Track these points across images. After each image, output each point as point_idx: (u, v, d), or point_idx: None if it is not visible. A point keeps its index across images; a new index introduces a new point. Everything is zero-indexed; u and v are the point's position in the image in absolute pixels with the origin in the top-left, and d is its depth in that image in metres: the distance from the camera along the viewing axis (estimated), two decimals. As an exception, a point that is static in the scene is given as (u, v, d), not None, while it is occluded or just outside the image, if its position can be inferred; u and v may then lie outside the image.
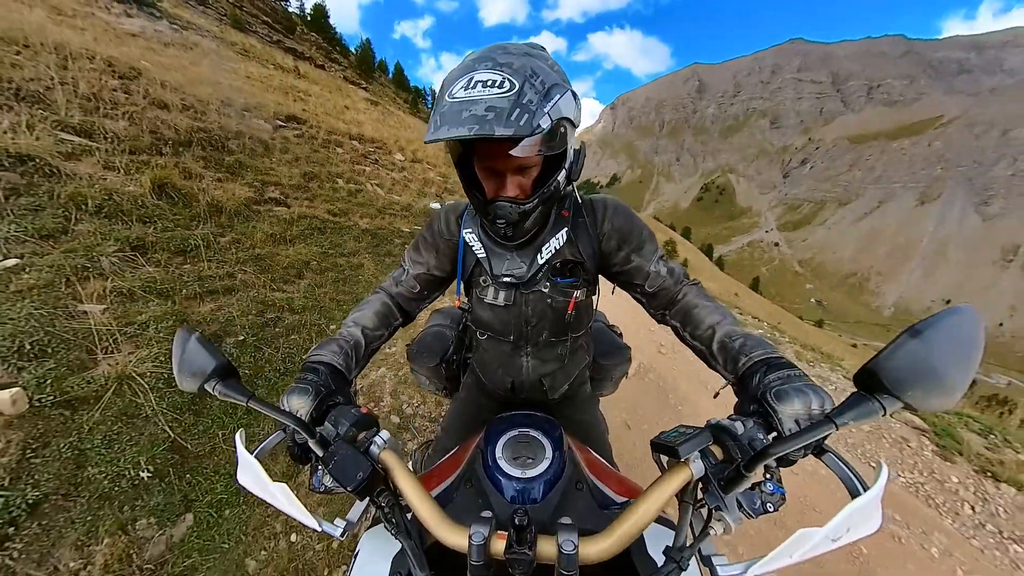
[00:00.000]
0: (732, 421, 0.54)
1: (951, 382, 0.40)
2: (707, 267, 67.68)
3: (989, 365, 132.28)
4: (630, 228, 0.89)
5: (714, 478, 0.49)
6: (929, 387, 0.40)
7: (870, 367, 0.44)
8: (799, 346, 4.96)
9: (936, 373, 0.40)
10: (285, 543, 1.67)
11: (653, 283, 0.90)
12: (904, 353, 0.41)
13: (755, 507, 0.48)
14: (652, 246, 0.90)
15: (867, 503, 0.41)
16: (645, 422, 2.86)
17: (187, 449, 1.90)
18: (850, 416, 0.44)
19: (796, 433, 0.47)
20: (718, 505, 0.48)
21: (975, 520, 2.32)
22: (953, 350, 0.40)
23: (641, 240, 0.89)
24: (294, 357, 2.71)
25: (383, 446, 0.60)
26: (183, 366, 0.58)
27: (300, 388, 0.66)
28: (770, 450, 0.46)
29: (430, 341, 1.33)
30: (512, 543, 0.48)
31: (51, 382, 1.84)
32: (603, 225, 0.89)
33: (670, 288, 0.89)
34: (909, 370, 0.41)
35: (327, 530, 0.56)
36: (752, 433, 0.51)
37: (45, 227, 2.62)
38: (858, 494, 0.43)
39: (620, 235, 0.89)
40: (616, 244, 0.89)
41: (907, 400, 0.41)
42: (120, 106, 4.46)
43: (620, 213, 0.90)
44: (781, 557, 0.43)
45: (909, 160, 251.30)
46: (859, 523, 0.42)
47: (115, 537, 1.54)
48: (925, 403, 0.41)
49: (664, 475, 0.52)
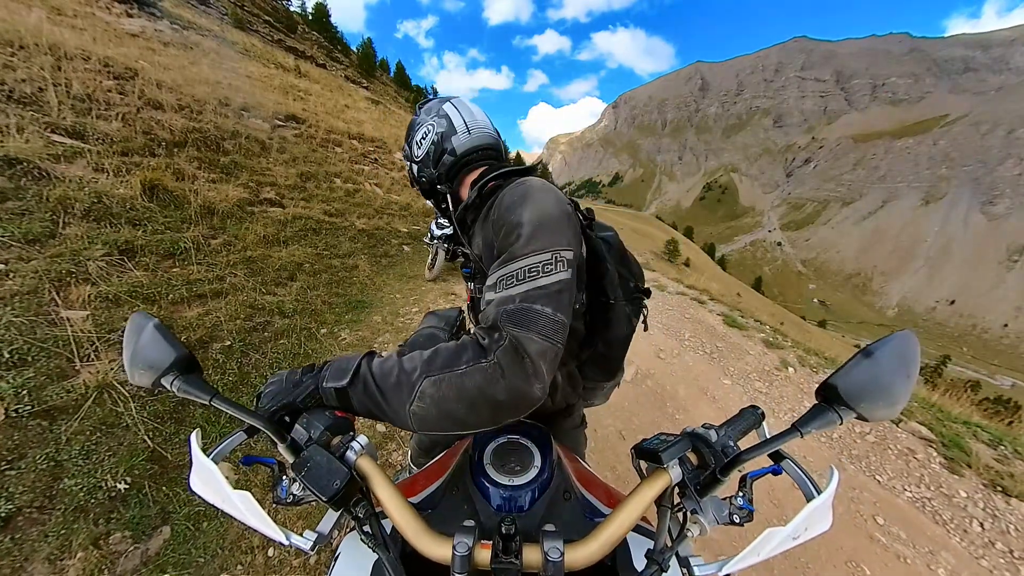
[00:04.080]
0: (707, 429, 0.56)
1: (896, 395, 0.46)
2: (710, 266, 67.43)
3: (993, 367, 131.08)
4: (505, 220, 0.70)
5: (691, 483, 0.52)
6: (878, 400, 0.46)
7: (830, 382, 0.49)
8: (802, 351, 4.87)
9: (884, 388, 0.46)
10: (262, 557, 1.62)
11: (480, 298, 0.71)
12: (858, 371, 0.47)
13: (723, 516, 0.52)
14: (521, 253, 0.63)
15: (821, 504, 0.46)
16: (641, 432, 2.79)
17: (167, 459, 1.85)
18: (813, 425, 0.49)
19: (765, 441, 0.51)
20: (695, 508, 0.52)
21: (984, 538, 2.23)
22: (898, 368, 0.46)
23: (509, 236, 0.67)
24: (281, 363, 2.66)
25: (360, 452, 0.55)
26: (137, 357, 0.52)
27: (272, 383, 0.61)
28: (742, 456, 0.50)
29: (423, 343, 1.29)
30: (498, 552, 0.49)
31: (29, 391, 1.80)
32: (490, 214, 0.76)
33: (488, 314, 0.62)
34: (862, 385, 0.46)
35: (296, 543, 0.51)
36: (724, 440, 0.54)
37: (32, 231, 2.58)
38: (813, 497, 0.48)
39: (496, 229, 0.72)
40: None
41: (860, 411, 0.47)
42: (114, 107, 4.43)
43: (504, 202, 0.73)
44: (751, 555, 0.47)
45: (914, 159, 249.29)
46: (815, 523, 0.47)
47: (88, 551, 1.50)
48: (874, 413, 0.47)
49: (645, 480, 0.55)
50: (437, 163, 0.96)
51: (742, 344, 4.78)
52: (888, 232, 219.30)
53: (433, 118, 0.96)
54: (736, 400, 3.44)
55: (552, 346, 0.58)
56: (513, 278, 0.62)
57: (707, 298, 7.03)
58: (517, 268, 0.62)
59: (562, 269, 0.62)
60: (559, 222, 0.68)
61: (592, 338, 0.93)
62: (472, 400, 0.54)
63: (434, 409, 0.55)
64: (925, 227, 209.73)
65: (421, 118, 1.00)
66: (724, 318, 5.73)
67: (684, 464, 0.54)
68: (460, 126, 0.94)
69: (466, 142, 0.94)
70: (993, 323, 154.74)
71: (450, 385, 0.54)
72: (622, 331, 0.91)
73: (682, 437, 0.56)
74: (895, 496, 2.50)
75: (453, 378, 0.55)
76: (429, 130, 0.96)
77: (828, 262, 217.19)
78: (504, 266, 0.64)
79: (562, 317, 0.60)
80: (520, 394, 0.55)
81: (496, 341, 0.56)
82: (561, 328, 0.59)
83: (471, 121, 0.95)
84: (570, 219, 0.71)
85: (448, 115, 0.95)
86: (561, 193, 0.77)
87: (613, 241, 0.96)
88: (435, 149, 0.95)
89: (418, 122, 1.00)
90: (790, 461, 0.54)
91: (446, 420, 0.55)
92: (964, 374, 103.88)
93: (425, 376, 0.55)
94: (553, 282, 0.61)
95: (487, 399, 0.54)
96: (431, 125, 0.96)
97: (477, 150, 0.95)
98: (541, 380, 0.56)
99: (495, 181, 0.84)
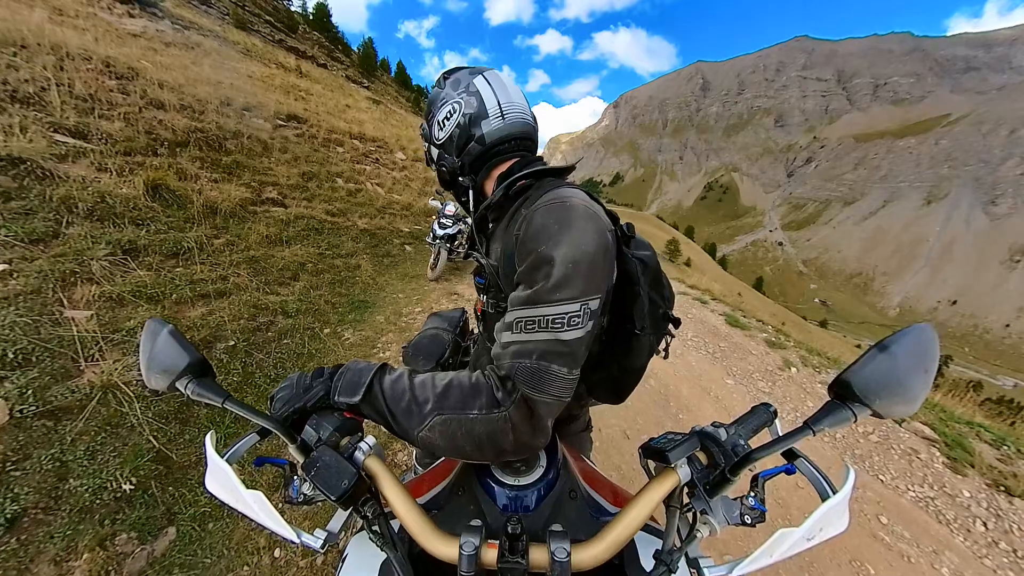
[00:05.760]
0: (716, 428, 0.55)
1: (913, 392, 0.44)
2: (711, 266, 67.40)
3: (995, 367, 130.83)
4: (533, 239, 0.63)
5: (700, 482, 0.51)
6: (894, 396, 0.44)
7: (843, 378, 0.47)
8: (805, 351, 4.86)
9: (901, 384, 0.44)
10: (268, 559, 1.62)
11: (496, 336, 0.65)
12: (873, 365, 0.45)
13: (734, 516, 0.50)
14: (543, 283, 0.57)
15: (837, 504, 0.45)
16: (645, 432, 2.79)
17: (172, 459, 1.86)
18: (826, 423, 0.47)
19: (776, 439, 0.49)
20: (704, 509, 0.50)
21: (988, 538, 2.23)
22: (915, 363, 0.44)
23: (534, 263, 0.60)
24: (285, 363, 2.67)
25: (368, 452, 0.56)
26: (153, 362, 0.54)
27: (284, 388, 0.61)
28: (753, 455, 0.49)
29: (427, 344, 1.28)
30: (504, 552, 0.49)
31: (34, 392, 1.80)
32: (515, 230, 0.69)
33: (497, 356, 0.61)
34: (877, 381, 0.45)
35: (306, 542, 0.53)
36: (735, 439, 0.53)
37: (35, 231, 2.58)
38: (828, 497, 0.46)
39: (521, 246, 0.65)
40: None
41: (875, 408, 0.45)
42: (117, 107, 4.43)
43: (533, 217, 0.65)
44: (763, 557, 0.46)
45: (915, 159, 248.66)
46: (830, 523, 0.46)
47: (94, 552, 1.50)
48: (890, 410, 0.45)
49: (653, 480, 0.54)
50: (462, 151, 0.81)
51: (744, 344, 4.78)
52: (890, 232, 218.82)
53: (461, 94, 0.80)
54: (739, 400, 3.44)
55: (562, 403, 0.57)
56: (534, 324, 0.56)
57: (709, 298, 7.02)
58: (539, 315, 0.56)
59: (587, 320, 0.57)
60: (595, 264, 0.58)
61: (607, 362, 0.83)
62: (480, 443, 0.56)
63: (442, 441, 0.56)
64: (927, 227, 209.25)
65: (447, 92, 0.83)
66: (726, 318, 5.73)
67: (693, 463, 0.53)
68: (493, 108, 0.78)
69: (498, 128, 0.78)
70: (995, 323, 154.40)
71: (460, 425, 0.55)
72: (642, 360, 0.82)
73: (691, 436, 0.55)
74: (899, 495, 2.50)
75: (464, 421, 0.55)
76: (455, 108, 0.80)
77: (829, 262, 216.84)
78: (525, 307, 0.58)
79: (576, 373, 0.58)
80: (524, 446, 0.57)
81: (509, 394, 0.55)
82: (573, 384, 0.58)
83: (506, 102, 0.79)
84: (608, 254, 0.62)
85: (480, 92, 0.79)
86: (603, 216, 0.65)
87: (650, 262, 0.82)
88: (460, 134, 0.80)
89: (442, 97, 0.83)
90: (804, 460, 0.53)
91: (452, 451, 0.58)
92: (966, 374, 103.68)
93: (437, 413, 0.56)
94: (575, 338, 0.56)
95: (494, 445, 0.56)
96: (458, 103, 0.79)
97: (510, 139, 0.80)
98: (545, 435, 0.58)
99: (525, 180, 0.74)
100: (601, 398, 0.93)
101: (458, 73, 0.85)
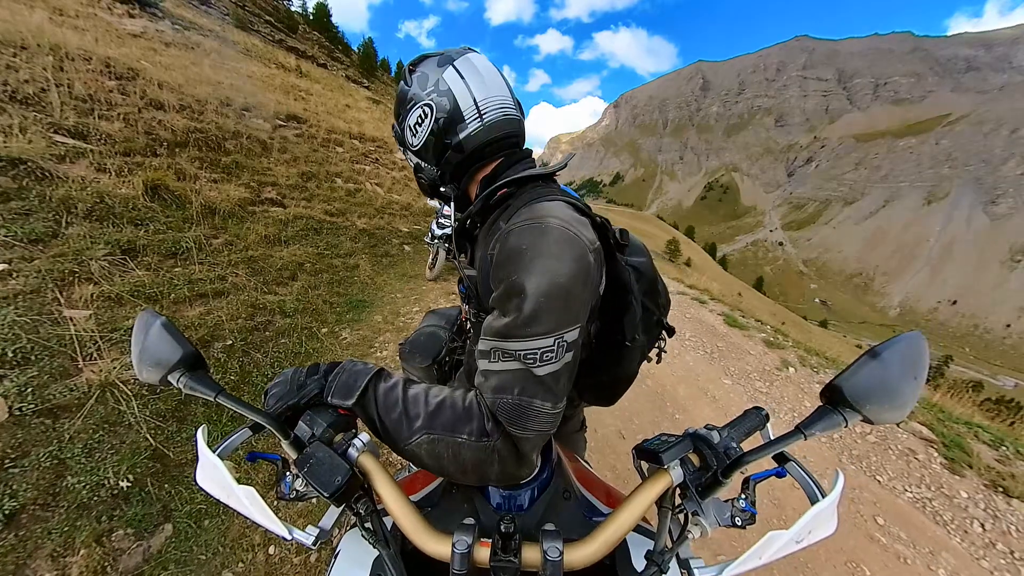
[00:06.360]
0: (709, 430, 0.55)
1: (903, 399, 0.45)
2: (711, 266, 67.39)
3: (995, 367, 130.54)
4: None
5: (692, 484, 0.52)
6: (885, 402, 0.45)
7: (835, 384, 0.48)
8: (803, 351, 4.86)
9: (891, 391, 0.45)
10: (263, 556, 1.63)
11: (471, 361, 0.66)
12: (864, 372, 0.46)
13: (725, 518, 0.51)
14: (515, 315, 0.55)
15: (826, 508, 0.45)
16: (641, 432, 2.79)
17: (169, 457, 1.87)
18: (817, 428, 0.48)
19: (768, 443, 0.50)
20: (696, 510, 0.51)
21: (985, 539, 2.23)
22: (906, 371, 0.45)
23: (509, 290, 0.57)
24: (283, 362, 2.67)
25: (362, 449, 0.56)
26: (145, 354, 0.53)
27: (278, 383, 0.61)
28: (744, 458, 0.49)
29: (424, 341, 1.29)
30: (497, 550, 0.49)
31: (33, 390, 1.82)
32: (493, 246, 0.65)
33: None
34: (868, 387, 0.45)
35: (298, 538, 0.53)
36: (727, 442, 0.53)
37: (35, 231, 2.59)
38: (817, 500, 0.47)
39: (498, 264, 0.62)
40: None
41: (866, 414, 0.46)
42: (116, 107, 4.45)
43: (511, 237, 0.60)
44: (752, 558, 0.46)
45: (916, 159, 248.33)
46: (819, 526, 0.46)
47: (91, 548, 1.51)
48: (880, 416, 0.46)
49: (646, 481, 0.55)
50: (439, 160, 0.76)
51: (743, 344, 4.78)
52: (890, 232, 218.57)
53: (431, 94, 0.72)
54: (737, 400, 3.44)
55: (546, 436, 0.56)
56: (511, 357, 0.54)
57: (708, 298, 7.02)
58: (513, 348, 0.54)
59: (563, 353, 0.55)
60: (570, 295, 0.55)
61: (597, 370, 0.80)
62: (464, 468, 0.56)
63: (428, 459, 0.56)
64: (927, 227, 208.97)
65: (414, 90, 0.74)
66: (725, 318, 5.73)
67: (686, 465, 0.53)
68: (468, 108, 0.71)
69: (477, 132, 0.71)
70: (995, 323, 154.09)
71: (447, 447, 0.55)
72: (632, 368, 0.80)
73: (684, 438, 0.55)
74: (896, 496, 2.50)
75: (452, 444, 0.55)
76: (426, 113, 0.72)
77: (830, 262, 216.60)
78: (497, 340, 0.56)
79: (561, 407, 0.57)
80: (510, 476, 0.57)
81: (496, 427, 0.55)
82: (557, 417, 0.57)
83: (483, 98, 0.71)
84: (588, 280, 0.58)
85: (451, 90, 0.71)
86: (584, 234, 0.60)
87: (644, 269, 0.80)
88: (436, 142, 0.73)
89: (411, 97, 0.75)
90: (794, 463, 0.53)
91: (435, 470, 0.58)
92: (966, 374, 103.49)
93: (425, 431, 0.55)
94: (548, 373, 0.54)
95: (478, 472, 0.56)
96: (428, 106, 0.72)
97: (491, 143, 0.73)
98: (531, 467, 0.58)
99: (507, 188, 0.70)
100: (592, 401, 0.93)
101: (425, 65, 0.75)
